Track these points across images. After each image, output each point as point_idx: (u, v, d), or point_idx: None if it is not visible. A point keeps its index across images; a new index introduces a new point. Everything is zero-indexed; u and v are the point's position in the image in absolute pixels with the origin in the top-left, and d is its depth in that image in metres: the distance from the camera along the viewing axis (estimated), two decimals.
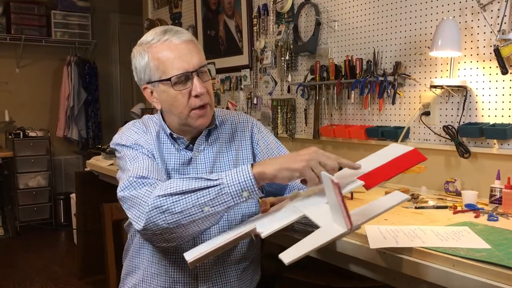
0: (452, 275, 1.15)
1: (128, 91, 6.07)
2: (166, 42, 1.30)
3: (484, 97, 1.93)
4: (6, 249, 4.54)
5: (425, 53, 2.13)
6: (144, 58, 1.33)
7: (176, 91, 1.30)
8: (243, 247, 1.45)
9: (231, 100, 3.42)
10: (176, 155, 1.39)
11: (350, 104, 2.53)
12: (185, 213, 1.12)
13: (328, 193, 1.02)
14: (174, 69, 1.29)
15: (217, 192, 1.11)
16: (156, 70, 1.31)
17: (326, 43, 2.67)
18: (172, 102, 1.32)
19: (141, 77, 1.36)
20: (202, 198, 1.11)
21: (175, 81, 1.29)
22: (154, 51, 1.31)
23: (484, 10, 1.89)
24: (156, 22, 4.10)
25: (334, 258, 1.55)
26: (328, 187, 1.00)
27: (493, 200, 1.74)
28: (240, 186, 1.11)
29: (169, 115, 1.38)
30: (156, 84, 1.33)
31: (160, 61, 1.30)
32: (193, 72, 1.30)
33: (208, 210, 1.12)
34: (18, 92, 5.30)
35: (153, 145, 1.37)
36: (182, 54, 1.30)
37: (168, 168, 1.37)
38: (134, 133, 1.40)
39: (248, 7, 3.25)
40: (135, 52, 1.36)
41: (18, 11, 5.16)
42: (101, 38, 5.80)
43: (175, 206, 1.12)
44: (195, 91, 1.30)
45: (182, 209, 1.12)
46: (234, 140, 1.47)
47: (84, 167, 3.84)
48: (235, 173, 1.12)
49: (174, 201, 1.13)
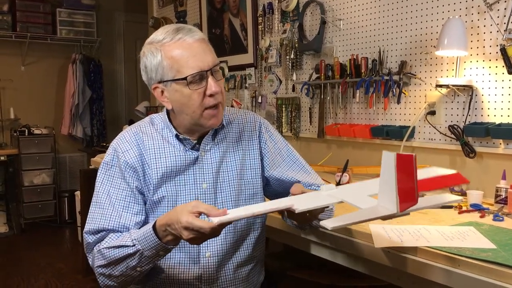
0: (457, 275, 1.14)
1: (132, 89, 6.08)
2: (179, 41, 1.28)
3: (490, 96, 1.92)
4: (11, 246, 4.56)
5: (431, 52, 2.13)
6: (156, 57, 1.29)
7: (191, 90, 1.27)
8: (249, 248, 1.44)
9: (236, 98, 3.42)
10: (181, 156, 1.37)
11: (355, 103, 2.52)
12: (125, 275, 1.25)
13: (385, 171, 0.96)
14: (189, 68, 1.26)
15: (139, 256, 1.20)
16: (169, 69, 1.28)
17: (331, 42, 2.67)
18: (185, 102, 1.30)
19: (152, 76, 1.33)
20: (131, 263, 1.22)
21: (190, 80, 1.27)
22: (167, 49, 1.28)
23: (491, 9, 1.88)
24: (161, 20, 4.11)
25: (338, 257, 1.55)
26: (388, 165, 0.94)
27: (498, 200, 1.73)
28: (154, 250, 1.18)
29: (179, 115, 1.35)
30: (169, 84, 1.30)
31: (174, 60, 1.27)
32: (207, 71, 1.28)
33: (140, 269, 1.23)
34: (23, 90, 5.32)
35: (141, 155, 1.35)
36: (196, 53, 1.28)
37: (173, 169, 1.36)
38: (123, 141, 1.38)
39: (253, 6, 3.25)
40: (146, 51, 1.32)
41: (23, 9, 5.17)
42: (106, 36, 5.81)
43: (114, 272, 1.26)
44: (210, 90, 1.28)
45: (120, 273, 1.25)
46: (241, 140, 1.46)
47: (89, 164, 3.85)
48: (143, 238, 1.18)
49: (111, 269, 1.26)
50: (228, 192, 1.40)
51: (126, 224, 1.30)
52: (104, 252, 1.26)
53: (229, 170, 1.41)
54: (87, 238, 1.31)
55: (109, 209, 1.31)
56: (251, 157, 1.46)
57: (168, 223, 1.13)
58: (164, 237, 1.16)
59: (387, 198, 0.95)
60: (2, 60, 5.19)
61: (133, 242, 1.20)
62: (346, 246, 1.47)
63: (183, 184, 1.36)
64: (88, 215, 1.35)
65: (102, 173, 1.37)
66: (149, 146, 1.37)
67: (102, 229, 1.30)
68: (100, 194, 1.34)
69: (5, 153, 4.85)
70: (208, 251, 1.36)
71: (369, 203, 1.02)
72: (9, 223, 5.02)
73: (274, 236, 1.80)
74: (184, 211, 1.09)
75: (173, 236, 1.14)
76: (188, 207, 1.09)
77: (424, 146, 2.18)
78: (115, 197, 1.33)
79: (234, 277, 1.41)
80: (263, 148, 1.49)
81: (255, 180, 1.45)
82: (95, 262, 1.29)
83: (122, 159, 1.34)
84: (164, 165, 1.35)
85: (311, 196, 1.17)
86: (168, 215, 1.15)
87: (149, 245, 1.17)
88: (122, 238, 1.25)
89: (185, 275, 1.36)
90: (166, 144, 1.38)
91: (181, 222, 1.08)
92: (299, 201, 1.12)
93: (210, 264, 1.37)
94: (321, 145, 2.78)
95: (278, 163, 1.49)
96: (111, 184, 1.34)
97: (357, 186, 1.20)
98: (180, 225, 1.09)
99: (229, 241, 1.39)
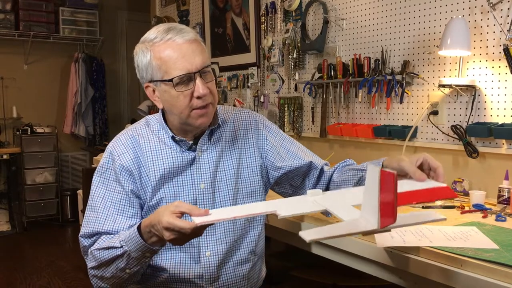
0: (460, 275, 1.14)
1: (135, 88, 6.08)
2: (169, 42, 1.27)
3: (493, 96, 1.92)
4: (13, 244, 4.57)
5: (434, 52, 2.12)
6: (146, 57, 1.30)
7: (178, 92, 1.27)
8: (249, 246, 1.44)
9: (238, 98, 3.42)
10: (178, 157, 1.36)
11: (357, 103, 2.52)
12: (116, 276, 1.26)
13: (369, 185, 0.94)
14: (177, 70, 1.26)
15: (127, 258, 1.20)
16: (158, 69, 1.28)
17: (334, 42, 2.67)
18: (173, 102, 1.30)
19: (143, 75, 1.33)
20: (119, 265, 1.23)
21: (177, 82, 1.26)
22: (157, 50, 1.28)
23: (494, 9, 1.88)
24: (163, 19, 4.11)
25: (340, 257, 1.55)
26: (372, 180, 0.92)
27: (501, 201, 1.73)
28: (140, 251, 1.18)
29: (170, 115, 1.36)
30: (158, 84, 1.30)
31: (162, 61, 1.27)
32: (195, 73, 1.27)
33: (129, 271, 1.24)
34: (26, 89, 5.32)
35: (138, 158, 1.35)
36: (185, 54, 1.27)
37: (170, 171, 1.35)
38: (119, 144, 1.38)
39: (256, 5, 3.25)
40: (138, 50, 1.33)
41: (26, 7, 5.18)
42: (109, 35, 5.81)
43: (105, 274, 1.27)
44: (197, 93, 1.27)
45: (111, 275, 1.26)
46: (237, 139, 1.45)
47: (91, 163, 3.86)
48: (129, 239, 1.18)
49: (102, 271, 1.27)
50: (225, 191, 1.40)
51: (120, 228, 1.30)
52: (95, 253, 1.27)
53: (226, 169, 1.41)
54: (82, 241, 1.32)
55: (104, 213, 1.31)
56: (247, 156, 1.45)
57: (151, 223, 1.13)
58: (149, 238, 1.16)
59: (370, 211, 0.93)
60: (5, 58, 5.19)
61: (120, 243, 1.20)
62: (348, 245, 1.47)
63: (181, 185, 1.36)
64: (83, 219, 1.36)
65: (97, 176, 1.38)
66: (145, 148, 1.37)
67: (97, 233, 1.30)
68: (95, 197, 1.35)
69: (7, 152, 4.85)
70: (208, 250, 1.36)
71: (352, 214, 1.01)
72: (11, 222, 5.04)
73: (276, 236, 1.80)
74: (166, 212, 1.08)
75: (157, 237, 1.14)
76: (171, 208, 1.08)
77: (426, 146, 2.18)
78: (109, 200, 1.33)
79: (235, 274, 1.41)
80: (265, 145, 1.48)
81: (252, 178, 1.45)
82: (88, 264, 1.31)
83: (118, 162, 1.34)
84: (161, 167, 1.35)
85: (296, 201, 1.17)
86: (152, 216, 1.14)
87: (135, 246, 1.17)
88: (111, 239, 1.25)
89: (186, 274, 1.36)
90: (163, 146, 1.37)
91: (162, 222, 1.07)
92: (283, 206, 1.11)
93: (210, 263, 1.37)
94: (323, 145, 2.77)
95: (284, 154, 1.49)
96: (106, 187, 1.35)
97: (343, 194, 1.18)
98: (161, 226, 1.07)
99: (229, 240, 1.39)
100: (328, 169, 1.49)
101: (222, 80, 3.60)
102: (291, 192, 1.52)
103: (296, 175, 1.49)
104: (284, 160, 1.47)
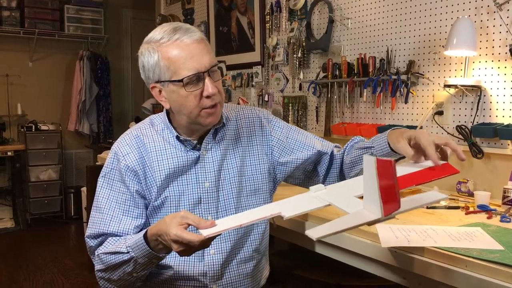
0: (465, 275, 1.14)
1: (139, 86, 6.09)
2: (177, 42, 1.27)
3: (499, 97, 1.91)
4: (17, 241, 4.58)
5: (440, 52, 2.12)
6: (153, 57, 1.29)
7: (188, 91, 1.27)
8: (253, 244, 1.44)
9: (242, 96, 3.42)
10: (183, 156, 1.37)
11: (362, 103, 2.52)
12: (123, 280, 1.29)
13: (368, 176, 0.95)
14: (186, 70, 1.26)
15: (134, 263, 1.22)
16: (166, 70, 1.28)
17: (339, 41, 2.66)
18: (182, 102, 1.30)
19: (149, 76, 1.32)
20: (127, 269, 1.24)
21: (186, 82, 1.26)
22: (164, 50, 1.27)
23: (500, 9, 1.87)
24: (168, 18, 4.11)
25: (344, 256, 1.55)
26: (369, 170, 0.93)
27: (506, 201, 1.72)
28: (147, 258, 1.20)
29: (178, 115, 1.35)
30: (166, 84, 1.30)
31: (171, 61, 1.27)
32: (204, 73, 1.28)
33: (136, 275, 1.26)
34: (30, 86, 5.34)
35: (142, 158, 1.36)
36: (193, 54, 1.27)
37: (175, 170, 1.36)
38: (124, 144, 1.39)
39: (261, 4, 3.24)
40: (143, 50, 1.32)
41: (31, 5, 5.19)
42: (114, 33, 5.83)
43: (113, 276, 1.29)
44: (207, 92, 1.28)
45: (118, 278, 1.28)
46: (240, 137, 1.45)
47: (95, 161, 3.86)
48: (136, 246, 1.19)
49: (109, 274, 1.29)
50: (229, 189, 1.40)
51: (125, 228, 1.31)
52: (102, 257, 1.28)
53: (230, 167, 1.41)
54: (88, 242, 1.33)
55: (109, 214, 1.32)
56: (251, 153, 1.46)
57: (158, 233, 1.14)
58: (155, 246, 1.17)
59: (372, 201, 0.93)
60: (10, 56, 5.21)
61: (127, 249, 1.21)
62: (352, 245, 1.47)
63: (185, 184, 1.37)
64: (89, 219, 1.36)
65: (102, 177, 1.39)
66: (150, 148, 1.37)
67: (102, 233, 1.32)
68: (100, 198, 1.36)
69: (12, 149, 4.87)
70: (212, 249, 1.37)
71: (356, 205, 1.01)
72: (15, 218, 5.05)
73: (279, 235, 1.80)
74: (173, 223, 1.09)
75: (164, 246, 1.15)
76: (177, 219, 1.09)
77: None
78: (114, 201, 1.34)
79: (239, 272, 1.42)
80: (271, 140, 1.48)
81: (256, 176, 1.45)
82: (95, 266, 1.33)
83: (123, 163, 1.35)
84: (166, 166, 1.35)
85: (299, 199, 1.17)
86: (159, 225, 1.15)
87: (142, 253, 1.19)
88: (118, 243, 1.26)
89: (190, 272, 1.37)
90: (167, 146, 1.38)
91: (169, 235, 1.08)
92: (287, 206, 1.11)
93: (214, 261, 1.37)
94: None
95: (292, 145, 1.49)
96: (111, 188, 1.36)
97: (345, 185, 1.19)
98: (169, 238, 1.09)
99: (233, 238, 1.39)
100: (338, 151, 1.50)
101: (226, 79, 3.60)
102: (304, 179, 1.54)
103: (307, 165, 1.50)
104: (292, 153, 1.48)
